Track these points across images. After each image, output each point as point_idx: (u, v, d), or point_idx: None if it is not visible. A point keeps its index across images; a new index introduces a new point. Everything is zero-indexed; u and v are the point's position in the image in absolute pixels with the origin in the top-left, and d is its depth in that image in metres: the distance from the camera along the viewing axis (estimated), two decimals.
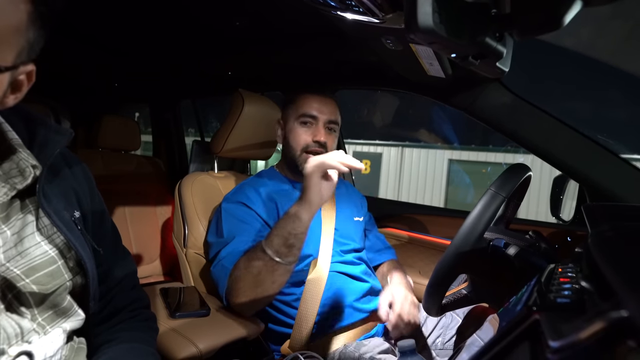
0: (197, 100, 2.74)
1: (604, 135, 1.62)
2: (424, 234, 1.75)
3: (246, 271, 1.07)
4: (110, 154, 2.39)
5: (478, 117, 1.36)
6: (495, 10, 0.63)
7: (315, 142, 1.30)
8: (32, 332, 0.63)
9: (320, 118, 1.31)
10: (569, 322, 0.39)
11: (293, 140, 1.33)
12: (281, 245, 1.04)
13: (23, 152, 0.64)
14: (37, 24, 0.54)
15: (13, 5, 0.51)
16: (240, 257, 1.11)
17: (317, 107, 1.31)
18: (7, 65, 0.52)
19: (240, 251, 1.13)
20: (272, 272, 1.06)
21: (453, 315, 1.34)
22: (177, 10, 1.49)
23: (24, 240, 0.62)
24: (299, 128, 1.32)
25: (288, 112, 1.37)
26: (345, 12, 0.92)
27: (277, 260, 1.04)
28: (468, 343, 0.92)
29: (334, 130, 1.35)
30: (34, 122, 0.69)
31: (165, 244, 2.29)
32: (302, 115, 1.31)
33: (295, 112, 1.33)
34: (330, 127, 1.33)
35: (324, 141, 1.30)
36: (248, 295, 1.09)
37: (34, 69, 0.58)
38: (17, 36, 0.53)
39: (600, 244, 0.53)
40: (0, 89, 0.54)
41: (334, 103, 1.36)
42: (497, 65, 0.83)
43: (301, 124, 1.32)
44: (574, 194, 1.37)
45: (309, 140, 1.30)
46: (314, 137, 1.30)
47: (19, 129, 0.66)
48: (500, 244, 0.93)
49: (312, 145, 1.30)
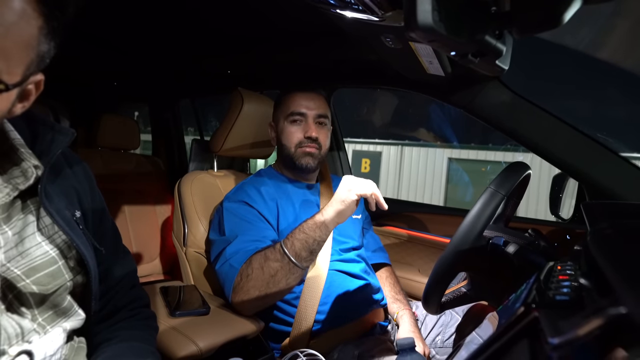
0: (197, 99, 2.73)
1: (603, 133, 1.63)
2: (423, 232, 1.75)
3: (261, 271, 1.08)
4: (110, 153, 2.39)
5: (477, 115, 1.36)
6: (494, 8, 0.63)
7: (307, 138, 1.31)
8: (32, 332, 0.63)
9: (308, 114, 1.32)
10: (567, 319, 0.39)
11: (286, 140, 1.34)
12: (302, 249, 1.07)
13: (25, 152, 0.64)
14: (49, 38, 0.54)
15: (24, 21, 0.50)
16: (252, 256, 1.11)
17: (305, 104, 1.33)
18: (16, 81, 0.52)
19: (248, 250, 1.13)
20: (289, 274, 1.08)
21: (452, 313, 1.34)
22: (176, 9, 1.49)
23: (25, 241, 0.62)
24: (290, 127, 1.34)
25: (277, 113, 1.39)
26: (344, 10, 0.92)
27: (296, 263, 1.07)
28: (467, 341, 0.92)
29: (324, 124, 1.36)
30: (36, 122, 0.69)
31: (165, 243, 2.29)
32: (291, 114, 1.33)
33: (284, 112, 1.35)
34: (320, 121, 1.35)
35: (315, 136, 1.31)
36: (258, 294, 1.09)
37: (42, 78, 0.58)
38: (28, 51, 0.52)
39: (599, 241, 0.53)
40: (8, 101, 0.54)
41: (322, 97, 1.38)
42: (496, 63, 0.83)
43: (291, 122, 1.33)
44: (573, 192, 1.38)
45: (300, 137, 1.32)
46: (305, 133, 1.32)
47: (21, 129, 0.66)
48: (499, 242, 0.93)
49: (304, 141, 1.32)
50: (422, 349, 1.22)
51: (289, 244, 1.08)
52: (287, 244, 1.08)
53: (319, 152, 1.34)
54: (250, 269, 1.09)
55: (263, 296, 1.09)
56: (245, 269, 1.10)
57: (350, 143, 9.97)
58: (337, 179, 1.56)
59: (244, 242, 1.16)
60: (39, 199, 0.63)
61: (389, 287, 1.43)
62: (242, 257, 1.12)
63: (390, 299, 1.39)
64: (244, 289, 1.10)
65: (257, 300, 1.10)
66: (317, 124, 1.34)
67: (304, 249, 1.07)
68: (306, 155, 1.33)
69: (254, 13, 1.47)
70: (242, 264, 1.11)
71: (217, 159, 1.63)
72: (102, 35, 1.87)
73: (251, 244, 1.15)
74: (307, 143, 1.31)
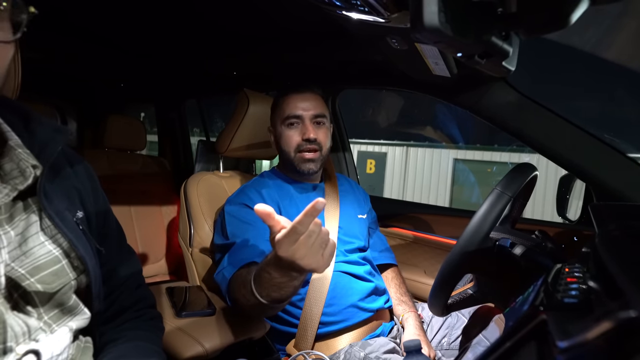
0: (202, 100, 2.74)
1: (610, 134, 1.61)
2: (429, 233, 1.74)
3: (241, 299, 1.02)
4: (116, 153, 2.40)
5: (483, 116, 1.36)
6: (501, 9, 0.63)
7: (306, 141, 1.30)
8: (39, 330, 0.63)
9: (304, 115, 1.31)
10: (576, 322, 0.39)
11: (285, 144, 1.33)
12: (272, 292, 0.92)
13: (23, 152, 0.64)
14: None
15: None
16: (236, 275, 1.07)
17: (300, 106, 1.31)
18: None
19: (241, 259, 1.11)
20: (266, 310, 1.01)
21: (459, 315, 1.33)
22: (183, 10, 1.50)
23: (28, 240, 0.63)
24: (287, 131, 1.32)
25: (274, 117, 1.38)
26: (350, 11, 0.92)
27: (268, 303, 0.94)
28: (474, 343, 0.92)
29: (322, 123, 1.34)
30: (33, 121, 0.69)
31: (170, 243, 2.30)
32: (287, 117, 1.31)
33: (280, 116, 1.34)
34: (317, 121, 1.33)
35: (313, 137, 1.30)
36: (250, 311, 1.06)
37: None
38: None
39: (608, 243, 0.52)
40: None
41: (317, 96, 1.36)
42: (502, 64, 0.82)
43: (288, 126, 1.32)
44: (580, 193, 1.36)
45: (299, 140, 1.31)
46: (303, 135, 1.30)
47: (18, 129, 0.67)
48: (506, 243, 0.93)
49: (303, 144, 1.30)
50: (427, 351, 1.21)
51: (259, 287, 0.93)
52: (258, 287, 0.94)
53: (319, 155, 1.32)
54: (234, 293, 1.07)
55: (256, 314, 1.09)
56: (231, 288, 1.08)
57: (355, 144, 9.96)
58: (342, 178, 1.56)
59: (241, 248, 1.15)
60: (38, 199, 0.64)
61: (395, 288, 1.43)
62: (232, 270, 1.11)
63: (395, 301, 1.39)
64: (238, 303, 1.06)
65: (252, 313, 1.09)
66: (314, 124, 1.32)
67: (274, 292, 0.92)
68: (307, 162, 1.31)
69: (260, 14, 1.47)
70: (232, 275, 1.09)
71: (222, 160, 1.63)
72: (109, 36, 1.88)
73: (247, 250, 1.14)
74: (305, 145, 1.30)
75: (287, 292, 0.92)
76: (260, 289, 0.93)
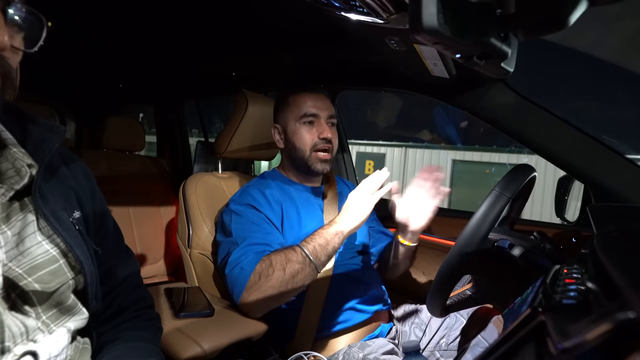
0: (201, 101, 2.74)
1: (609, 135, 1.61)
2: (427, 234, 1.74)
3: (283, 272, 1.09)
4: (115, 154, 2.40)
5: (482, 117, 1.36)
6: (499, 11, 0.63)
7: (322, 140, 1.30)
8: (37, 330, 0.63)
9: (321, 115, 1.32)
10: (575, 323, 0.39)
11: (299, 142, 1.32)
12: (322, 254, 1.12)
13: (18, 151, 0.64)
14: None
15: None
16: (271, 257, 1.11)
17: (317, 105, 1.32)
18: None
19: (258, 252, 1.13)
20: (308, 276, 1.11)
21: (457, 316, 1.33)
22: (182, 11, 1.50)
23: (25, 240, 0.62)
24: (303, 128, 1.32)
25: (286, 114, 1.36)
26: (349, 12, 0.92)
27: (317, 266, 1.12)
28: (472, 344, 0.92)
29: (334, 125, 1.37)
30: (27, 120, 0.69)
31: (169, 244, 2.30)
32: (304, 115, 1.31)
33: (295, 113, 1.33)
34: (331, 122, 1.35)
35: (330, 137, 1.31)
36: (274, 293, 1.09)
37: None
38: None
39: (606, 244, 0.52)
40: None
41: (328, 98, 1.38)
42: (501, 65, 0.82)
43: (304, 123, 1.32)
44: (578, 194, 1.37)
45: (315, 139, 1.31)
46: (319, 134, 1.31)
47: (12, 128, 0.66)
48: (504, 244, 0.93)
49: (319, 142, 1.31)
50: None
51: (310, 248, 1.11)
52: (309, 247, 1.11)
53: (331, 156, 1.34)
54: (272, 270, 1.09)
55: (278, 295, 1.10)
56: (265, 269, 1.09)
57: (354, 145, 9.96)
58: (341, 181, 1.56)
59: (253, 244, 1.16)
60: (33, 199, 0.63)
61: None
62: (254, 259, 1.12)
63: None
64: (262, 288, 1.09)
65: (271, 300, 1.10)
66: (329, 125, 1.34)
67: (323, 254, 1.11)
68: (322, 162, 1.32)
69: (259, 15, 1.47)
70: (257, 265, 1.10)
71: (221, 161, 1.63)
72: (108, 37, 1.88)
73: (260, 246, 1.15)
74: (321, 144, 1.31)
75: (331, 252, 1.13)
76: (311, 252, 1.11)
